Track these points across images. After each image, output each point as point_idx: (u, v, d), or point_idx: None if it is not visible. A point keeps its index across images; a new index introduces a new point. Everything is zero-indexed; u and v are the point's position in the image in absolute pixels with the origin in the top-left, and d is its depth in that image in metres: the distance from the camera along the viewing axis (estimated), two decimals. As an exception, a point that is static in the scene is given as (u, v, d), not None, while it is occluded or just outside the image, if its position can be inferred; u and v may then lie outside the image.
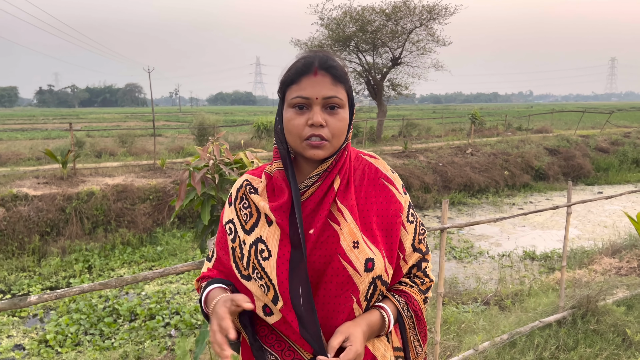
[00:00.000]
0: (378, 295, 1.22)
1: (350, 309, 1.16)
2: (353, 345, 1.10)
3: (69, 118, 43.83)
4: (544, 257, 8.53)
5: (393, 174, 1.31)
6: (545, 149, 18.46)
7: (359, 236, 1.18)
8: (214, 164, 3.00)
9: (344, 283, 1.15)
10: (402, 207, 1.26)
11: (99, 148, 17.31)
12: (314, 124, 1.15)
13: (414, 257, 1.28)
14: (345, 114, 1.21)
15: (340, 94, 1.19)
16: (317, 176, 1.21)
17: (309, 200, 1.21)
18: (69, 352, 5.34)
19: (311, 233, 1.17)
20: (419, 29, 20.59)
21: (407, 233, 1.26)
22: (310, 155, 1.18)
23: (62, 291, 1.85)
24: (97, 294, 6.94)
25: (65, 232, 9.05)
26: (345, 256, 1.15)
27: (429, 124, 28.09)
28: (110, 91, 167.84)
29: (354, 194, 1.22)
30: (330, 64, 1.20)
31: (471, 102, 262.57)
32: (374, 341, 1.23)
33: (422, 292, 1.29)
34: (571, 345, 3.57)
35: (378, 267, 1.17)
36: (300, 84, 1.18)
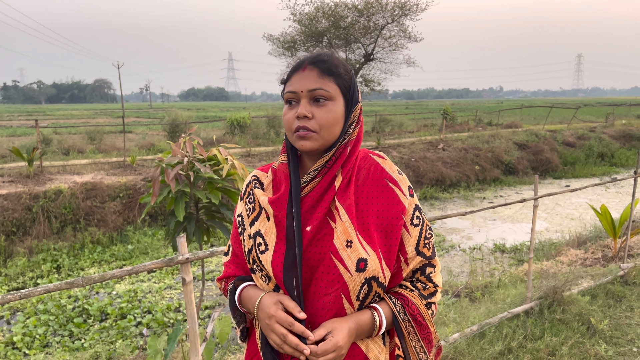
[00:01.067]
0: (374, 297, 1.21)
1: (338, 307, 1.17)
2: (334, 337, 1.11)
3: (35, 115, 42.70)
4: (513, 249, 8.71)
5: (400, 175, 1.29)
6: (515, 144, 18.82)
7: (353, 235, 1.18)
8: (188, 161, 2.97)
9: (334, 281, 1.16)
10: (404, 209, 1.24)
11: (67, 145, 16.91)
12: (299, 115, 1.19)
13: (417, 260, 1.26)
14: (336, 107, 1.21)
15: (326, 86, 1.20)
16: (316, 171, 1.22)
17: (308, 196, 1.23)
18: (37, 354, 5.22)
19: (308, 230, 1.19)
20: (391, 25, 20.74)
21: (410, 236, 1.24)
22: (299, 146, 1.21)
23: (26, 291, 1.80)
24: (66, 294, 6.80)
25: (32, 231, 8.83)
26: (337, 254, 1.16)
27: (401, 119, 28.33)
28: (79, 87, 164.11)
29: (353, 193, 1.23)
30: (320, 59, 1.23)
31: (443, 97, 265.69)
32: (368, 342, 1.22)
33: (423, 297, 1.27)
34: (538, 334, 3.66)
35: (371, 268, 1.16)
36: (291, 80, 1.24)
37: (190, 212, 2.94)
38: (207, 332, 2.86)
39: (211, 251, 2.26)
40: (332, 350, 1.11)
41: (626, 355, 3.53)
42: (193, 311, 2.24)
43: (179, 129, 17.58)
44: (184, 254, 2.18)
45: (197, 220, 2.90)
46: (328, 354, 1.11)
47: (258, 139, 18.54)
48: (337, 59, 1.26)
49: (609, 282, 4.77)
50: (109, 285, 7.22)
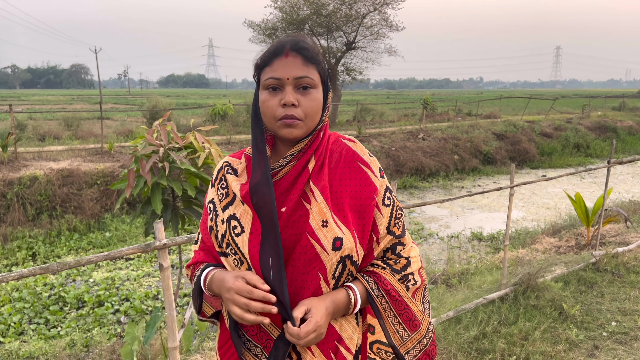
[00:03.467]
0: (347, 276, 1.23)
1: (316, 286, 1.19)
2: (313, 317, 1.13)
3: (9, 100, 41.66)
4: (490, 237, 8.86)
5: (371, 157, 1.32)
6: (494, 134, 19.05)
7: (329, 216, 1.20)
8: (164, 151, 2.92)
9: (311, 260, 1.18)
10: (376, 190, 1.27)
11: (43, 131, 16.56)
12: (286, 103, 1.18)
13: (387, 239, 1.29)
14: (318, 94, 1.23)
15: (311, 74, 1.21)
16: (292, 156, 1.24)
17: (283, 179, 1.24)
18: (12, 341, 5.15)
19: (283, 211, 1.21)
20: (372, 13, 20.70)
21: (382, 216, 1.27)
22: (284, 134, 1.21)
23: (0, 276, 1.78)
24: (41, 281, 6.71)
25: (6, 218, 8.67)
26: (314, 234, 1.18)
27: (382, 109, 28.39)
28: (55, 72, 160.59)
29: (327, 175, 1.25)
30: (301, 45, 1.22)
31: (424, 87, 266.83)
32: (342, 322, 1.25)
33: (396, 272, 1.28)
34: (512, 319, 3.74)
35: (347, 247, 1.19)
36: (272, 65, 1.21)
37: (167, 199, 2.90)
38: (185, 319, 2.85)
39: (189, 237, 2.25)
40: (313, 330, 1.13)
41: (596, 339, 3.63)
42: (170, 297, 2.24)
43: (159, 115, 17.34)
44: (161, 240, 2.16)
45: (174, 207, 2.87)
46: (310, 335, 1.13)
47: (238, 126, 18.41)
48: (316, 45, 1.27)
49: (581, 269, 4.89)
50: (86, 273, 7.14)
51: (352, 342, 1.25)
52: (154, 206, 2.67)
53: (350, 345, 1.25)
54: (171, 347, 2.34)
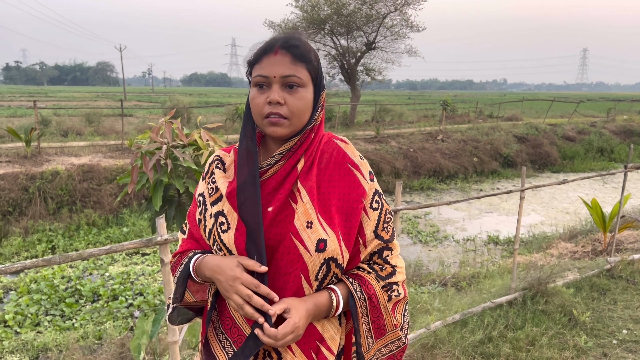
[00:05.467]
0: (332, 278, 1.23)
1: (297, 286, 1.18)
2: (292, 318, 1.13)
3: (36, 96, 42.62)
4: (507, 241, 8.75)
5: (361, 160, 1.30)
6: (514, 137, 18.80)
7: (314, 217, 1.19)
8: (167, 149, 2.95)
9: (294, 261, 1.17)
10: (365, 193, 1.25)
11: (66, 127, 16.90)
12: (271, 101, 1.18)
13: (375, 243, 1.27)
14: (307, 94, 1.22)
15: (299, 73, 1.20)
16: (281, 155, 1.23)
17: (271, 178, 1.24)
18: (27, 332, 5.28)
19: (269, 210, 1.21)
20: (393, 13, 20.60)
21: (369, 219, 1.26)
22: (270, 132, 1.21)
23: (3, 267, 1.83)
24: (59, 274, 6.85)
25: (28, 212, 8.88)
26: (298, 235, 1.17)
27: (402, 109, 28.27)
28: (81, 69, 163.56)
29: (315, 176, 1.24)
30: (292, 43, 1.21)
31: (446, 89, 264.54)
32: (324, 322, 1.24)
33: (380, 278, 1.27)
34: (519, 324, 3.70)
35: (331, 249, 1.18)
36: (261, 63, 1.21)
37: (172, 196, 2.94)
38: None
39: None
40: (290, 331, 1.12)
41: (605, 347, 3.57)
42: (171, 292, 2.27)
43: (179, 113, 17.56)
44: (162, 235, 2.20)
45: (179, 204, 2.91)
46: (287, 336, 1.12)
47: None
48: (308, 43, 1.25)
49: (595, 275, 4.81)
50: (103, 267, 7.27)
51: (334, 342, 1.25)
52: (154, 203, 2.71)
53: (332, 345, 1.25)
54: (171, 342, 2.38)
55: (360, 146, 15.03)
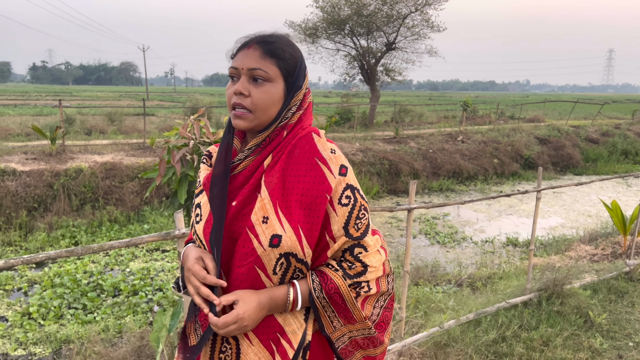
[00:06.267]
0: (296, 272, 1.24)
1: (253, 278, 1.21)
2: (236, 309, 1.17)
3: (62, 95, 43.48)
4: (525, 244, 8.67)
5: (332, 154, 1.27)
6: (536, 138, 18.58)
7: (271, 212, 1.21)
8: (194, 144, 3.05)
9: (247, 254, 1.20)
10: (330, 188, 1.23)
11: (89, 125, 17.25)
12: (235, 91, 1.23)
13: (343, 240, 1.25)
14: (273, 89, 1.24)
15: (266, 68, 1.23)
16: (250, 150, 1.27)
17: (240, 174, 1.28)
18: (51, 324, 5.43)
19: (233, 205, 1.25)
20: (414, 13, 20.52)
21: (336, 215, 1.24)
22: (235, 124, 1.26)
23: (28, 257, 1.92)
24: (81, 269, 7.02)
25: (52, 208, 9.10)
26: (253, 229, 1.20)
27: (421, 110, 28.14)
28: (105, 69, 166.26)
29: (279, 171, 1.25)
30: (265, 39, 1.26)
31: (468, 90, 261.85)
32: (287, 316, 1.26)
33: (348, 277, 1.25)
34: (534, 325, 3.69)
35: (286, 244, 1.19)
36: (236, 56, 1.27)
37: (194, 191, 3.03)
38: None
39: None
40: (232, 322, 1.17)
41: (621, 349, 3.54)
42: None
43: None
44: (180, 229, 2.27)
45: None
46: (229, 326, 1.17)
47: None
48: (286, 42, 1.28)
49: (613, 278, 4.76)
50: (124, 263, 7.43)
51: (296, 336, 1.26)
52: (179, 196, 2.80)
53: (293, 339, 1.26)
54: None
55: (379, 146, 15.02)
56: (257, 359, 1.24)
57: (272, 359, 1.24)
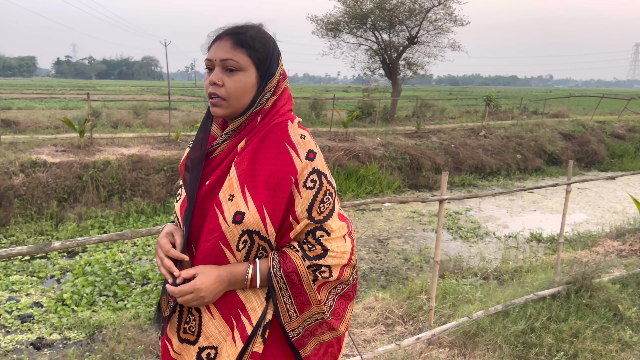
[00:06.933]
0: (259, 251, 1.30)
1: (217, 253, 1.28)
2: (194, 281, 1.25)
3: (86, 89, 44.16)
4: (550, 239, 8.61)
5: (301, 139, 1.33)
6: (560, 134, 18.33)
7: (237, 190, 1.28)
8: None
9: (213, 230, 1.28)
10: (296, 172, 1.29)
11: (115, 119, 17.54)
12: (210, 82, 1.31)
13: (305, 222, 1.30)
14: (244, 77, 1.31)
15: (237, 58, 1.30)
16: (227, 135, 1.35)
17: (217, 157, 1.36)
18: (84, 310, 5.60)
19: (207, 184, 1.33)
20: (437, 7, 20.37)
21: (300, 197, 1.29)
22: (212, 112, 1.35)
23: (82, 239, 2.02)
24: (111, 258, 7.21)
25: (81, 199, 9.32)
26: (220, 206, 1.28)
27: (443, 105, 27.93)
28: (127, 64, 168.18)
29: (249, 154, 1.31)
30: (236, 30, 1.33)
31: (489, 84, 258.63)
32: (249, 293, 1.31)
33: (307, 258, 1.29)
34: (563, 317, 3.70)
35: (249, 222, 1.26)
36: (210, 48, 1.35)
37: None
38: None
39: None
40: (189, 291, 1.24)
41: (652, 342, 3.53)
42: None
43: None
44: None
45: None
46: (185, 295, 1.25)
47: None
48: (257, 32, 1.34)
49: (643, 273, 4.73)
50: (152, 253, 7.59)
51: (255, 314, 1.31)
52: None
53: (253, 316, 1.31)
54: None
55: (400, 141, 15.00)
56: (217, 332, 1.31)
57: (231, 333, 1.30)
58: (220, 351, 1.31)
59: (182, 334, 1.36)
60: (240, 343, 1.29)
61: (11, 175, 8.93)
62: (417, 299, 4.15)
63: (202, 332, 1.32)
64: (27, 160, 9.34)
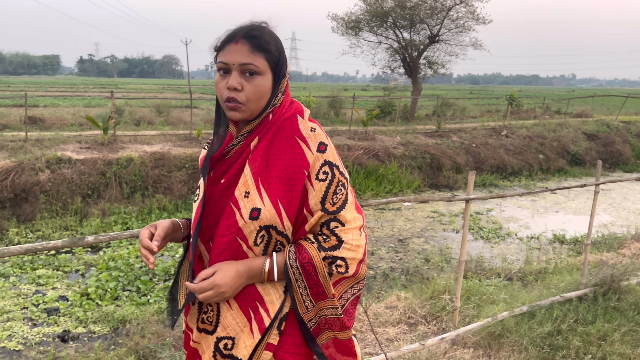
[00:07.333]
0: (277, 245, 1.33)
1: (234, 248, 1.31)
2: (213, 277, 1.27)
3: (108, 87, 44.79)
4: (573, 241, 8.49)
5: (312, 132, 1.35)
6: (584, 134, 18.03)
7: (252, 187, 1.31)
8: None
9: (230, 226, 1.30)
10: (308, 165, 1.31)
11: (138, 117, 17.75)
12: (229, 87, 1.30)
13: (319, 214, 1.31)
14: (263, 81, 1.32)
15: (257, 62, 1.31)
16: (242, 137, 1.37)
17: (232, 156, 1.38)
18: (108, 305, 5.69)
19: (222, 182, 1.36)
20: (458, 5, 20.18)
21: (313, 190, 1.31)
22: (229, 116, 1.35)
23: (115, 234, 2.05)
24: (134, 254, 7.30)
25: (105, 195, 9.47)
26: (236, 203, 1.30)
27: (464, 104, 27.68)
28: (148, 62, 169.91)
29: (262, 151, 1.34)
30: (252, 33, 1.32)
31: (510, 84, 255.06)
32: (267, 286, 1.33)
33: (323, 249, 1.31)
34: (590, 319, 3.64)
35: (265, 217, 1.28)
36: (224, 50, 1.34)
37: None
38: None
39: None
40: (209, 287, 1.26)
41: (682, 347, 3.46)
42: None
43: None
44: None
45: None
46: (206, 292, 1.27)
47: (318, 118, 18.75)
48: (269, 34, 1.35)
49: (672, 276, 4.63)
50: (174, 249, 7.67)
51: (273, 306, 1.33)
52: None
53: (271, 308, 1.32)
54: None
55: (420, 140, 14.91)
56: (235, 323, 1.33)
57: (249, 324, 1.32)
58: (237, 342, 1.33)
59: (200, 324, 1.39)
60: (257, 334, 1.31)
61: (37, 171, 9.10)
62: (440, 299, 4.12)
63: (220, 323, 1.35)
64: (52, 157, 9.51)
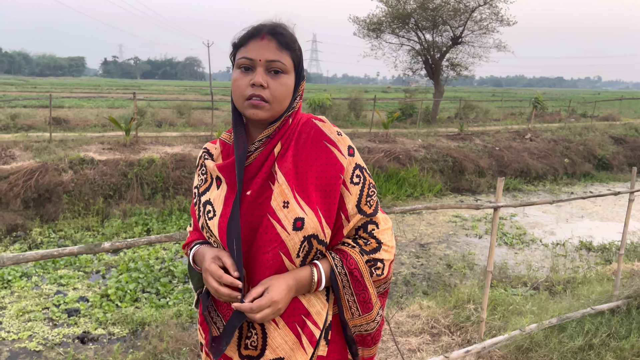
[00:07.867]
0: (316, 254, 1.26)
1: (278, 264, 1.22)
2: (269, 293, 1.17)
3: (131, 89, 45.39)
4: (601, 248, 8.24)
5: (339, 135, 1.31)
6: (611, 138, 17.61)
7: (290, 196, 1.22)
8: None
9: (271, 240, 1.21)
10: (343, 169, 1.27)
11: (159, 118, 17.90)
12: (255, 83, 1.21)
13: (357, 218, 1.29)
14: (289, 80, 1.26)
15: (284, 60, 1.24)
16: (260, 142, 1.27)
17: (252, 164, 1.28)
18: (128, 306, 5.69)
19: (248, 194, 1.25)
20: (482, 7, 19.91)
21: (350, 194, 1.28)
22: (250, 114, 1.23)
23: (132, 240, 2.00)
24: (154, 255, 7.31)
25: (126, 196, 9.52)
26: (275, 215, 1.21)
27: (487, 106, 27.29)
28: (171, 64, 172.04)
29: (291, 157, 1.27)
30: (278, 30, 1.25)
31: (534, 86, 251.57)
32: (310, 297, 1.27)
33: (365, 253, 1.29)
34: (623, 334, 3.48)
35: (309, 226, 1.21)
36: (247, 46, 1.25)
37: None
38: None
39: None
40: (267, 305, 1.17)
41: None
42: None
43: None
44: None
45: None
46: (264, 309, 1.17)
47: (338, 120, 18.66)
48: (293, 34, 1.29)
49: None
50: (193, 251, 7.67)
51: (321, 317, 1.27)
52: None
53: (318, 320, 1.27)
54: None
55: (442, 143, 14.72)
56: (284, 342, 1.25)
57: (299, 340, 1.25)
58: None
59: (243, 350, 1.29)
60: (310, 349, 1.26)
61: (61, 171, 9.20)
62: (464, 309, 3.99)
63: (267, 345, 1.26)
64: (75, 158, 9.60)
